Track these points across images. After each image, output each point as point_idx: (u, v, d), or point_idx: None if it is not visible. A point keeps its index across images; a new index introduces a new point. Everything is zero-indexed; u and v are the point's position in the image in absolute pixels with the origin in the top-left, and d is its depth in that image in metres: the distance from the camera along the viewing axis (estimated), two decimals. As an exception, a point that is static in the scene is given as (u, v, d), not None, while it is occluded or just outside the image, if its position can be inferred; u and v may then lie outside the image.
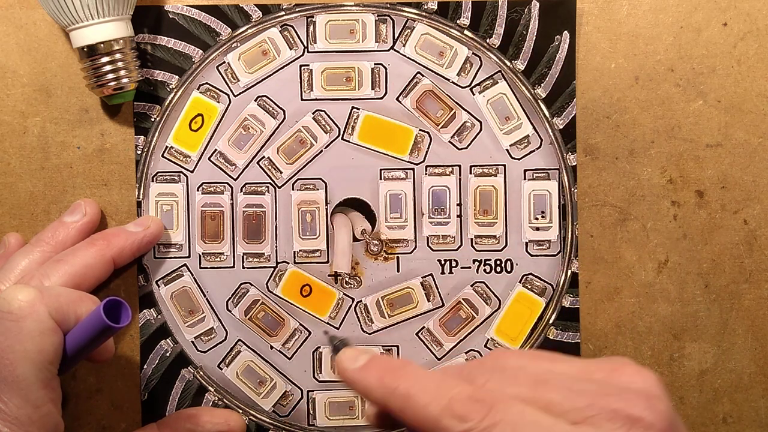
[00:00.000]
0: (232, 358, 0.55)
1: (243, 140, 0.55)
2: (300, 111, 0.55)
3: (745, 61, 0.54)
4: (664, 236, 0.55)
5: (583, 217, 0.55)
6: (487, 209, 0.55)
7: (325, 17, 0.54)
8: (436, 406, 0.37)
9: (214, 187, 0.55)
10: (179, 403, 0.55)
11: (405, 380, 0.38)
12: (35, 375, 0.43)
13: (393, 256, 0.55)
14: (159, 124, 0.55)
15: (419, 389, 0.38)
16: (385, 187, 0.55)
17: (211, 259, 0.55)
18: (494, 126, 0.55)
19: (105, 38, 0.51)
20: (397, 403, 0.38)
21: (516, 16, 0.54)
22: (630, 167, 0.55)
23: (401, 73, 0.55)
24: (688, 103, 0.55)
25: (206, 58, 0.54)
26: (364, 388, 0.40)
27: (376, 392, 0.39)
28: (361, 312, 0.55)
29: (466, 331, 0.55)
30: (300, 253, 0.55)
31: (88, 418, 0.55)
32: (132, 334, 0.55)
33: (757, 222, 0.55)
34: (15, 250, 0.52)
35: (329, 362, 0.55)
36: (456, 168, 0.55)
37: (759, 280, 0.55)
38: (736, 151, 0.55)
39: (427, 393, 0.38)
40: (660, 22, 0.54)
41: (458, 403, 0.36)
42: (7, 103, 0.54)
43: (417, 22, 0.55)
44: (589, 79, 0.55)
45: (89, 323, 0.43)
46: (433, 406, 0.37)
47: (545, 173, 0.55)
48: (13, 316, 0.43)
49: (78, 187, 0.54)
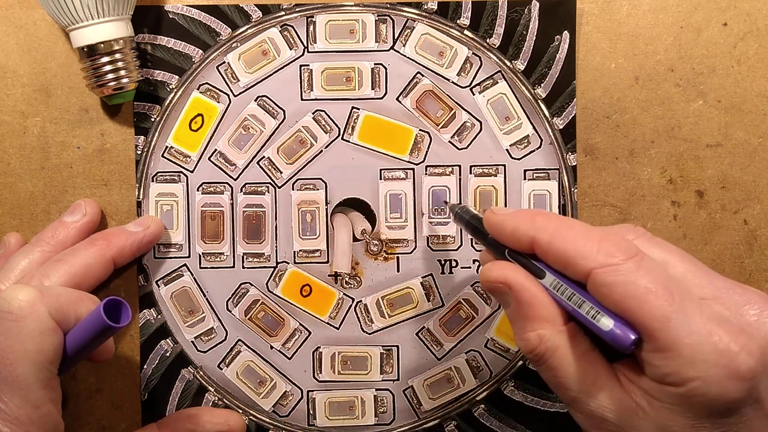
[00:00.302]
0: (232, 358, 0.55)
1: (243, 140, 0.55)
2: (300, 111, 0.55)
3: (745, 61, 0.54)
4: (664, 236, 0.55)
5: (583, 217, 0.55)
6: (487, 209, 0.55)
7: (325, 17, 0.54)
8: (585, 242, 0.40)
9: (214, 187, 0.55)
10: (179, 403, 0.55)
11: (556, 219, 0.42)
12: (35, 375, 0.43)
13: (393, 256, 0.55)
14: (159, 124, 0.55)
15: (569, 226, 0.41)
16: (385, 187, 0.55)
17: (211, 259, 0.55)
18: (494, 126, 0.55)
19: (105, 38, 0.51)
20: (544, 237, 0.41)
21: (516, 16, 0.54)
22: (630, 167, 0.55)
23: (401, 73, 0.55)
24: (688, 103, 0.55)
25: (206, 58, 0.54)
26: (515, 225, 0.43)
27: (524, 227, 0.42)
28: (361, 312, 0.55)
29: (466, 331, 0.55)
30: (300, 253, 0.55)
31: (88, 418, 0.55)
32: (132, 334, 0.55)
33: (757, 222, 0.55)
34: (15, 250, 0.52)
35: (329, 362, 0.55)
36: (456, 168, 0.55)
37: (759, 280, 0.55)
38: (736, 151, 0.55)
39: (576, 230, 0.41)
40: (660, 22, 0.54)
41: (607, 243, 0.40)
42: (7, 103, 0.54)
43: (417, 22, 0.55)
44: (589, 79, 0.55)
45: (89, 323, 0.43)
46: (582, 242, 0.40)
47: (545, 173, 0.55)
48: (13, 315, 0.43)
49: (78, 187, 0.54)
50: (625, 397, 0.40)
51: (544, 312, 0.42)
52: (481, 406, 0.55)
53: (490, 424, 0.55)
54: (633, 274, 0.39)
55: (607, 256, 0.39)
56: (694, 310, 0.38)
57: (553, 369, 0.42)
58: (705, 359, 0.37)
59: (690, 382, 0.37)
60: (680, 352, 0.37)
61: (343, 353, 0.55)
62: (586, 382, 0.41)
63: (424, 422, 0.56)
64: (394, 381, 0.55)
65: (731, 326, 0.38)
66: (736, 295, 0.40)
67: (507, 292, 0.43)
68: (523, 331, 0.42)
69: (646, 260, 0.39)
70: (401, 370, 0.55)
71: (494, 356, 0.55)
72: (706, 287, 0.41)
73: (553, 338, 0.41)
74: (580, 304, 0.41)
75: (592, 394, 0.41)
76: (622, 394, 0.40)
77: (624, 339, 0.39)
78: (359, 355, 0.55)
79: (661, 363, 0.38)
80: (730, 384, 0.37)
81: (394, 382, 0.55)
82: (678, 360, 0.38)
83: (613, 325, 0.39)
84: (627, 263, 0.39)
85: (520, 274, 0.43)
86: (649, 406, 0.39)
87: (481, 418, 0.55)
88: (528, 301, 0.42)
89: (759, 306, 0.40)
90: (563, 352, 0.41)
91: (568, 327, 0.42)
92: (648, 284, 0.38)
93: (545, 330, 0.42)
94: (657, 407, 0.39)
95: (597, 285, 0.39)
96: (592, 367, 0.41)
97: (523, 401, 0.55)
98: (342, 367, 0.55)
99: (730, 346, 0.37)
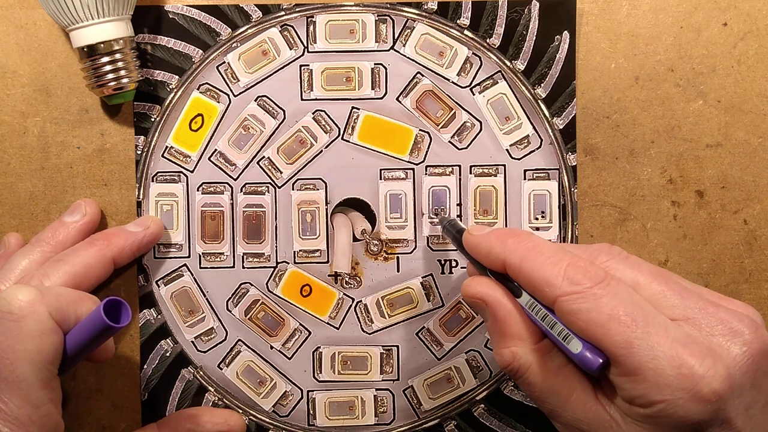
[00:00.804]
0: (232, 358, 0.55)
1: (243, 140, 0.55)
2: (300, 111, 0.55)
3: (745, 61, 0.54)
4: (664, 236, 0.55)
5: (583, 217, 0.55)
6: (487, 209, 0.55)
7: (325, 17, 0.54)
8: (552, 267, 0.41)
9: (214, 187, 0.55)
10: (179, 403, 0.55)
11: (527, 242, 0.43)
12: (35, 375, 0.43)
13: (393, 256, 0.55)
14: (159, 124, 0.55)
15: (539, 251, 0.42)
16: (385, 187, 0.55)
17: (211, 259, 0.55)
18: (494, 126, 0.55)
19: (105, 38, 0.51)
20: (514, 261, 0.42)
21: (516, 16, 0.54)
22: (630, 167, 0.55)
23: (401, 73, 0.55)
24: (688, 103, 0.55)
25: (206, 58, 0.54)
26: (488, 247, 0.44)
27: (497, 250, 0.43)
28: (361, 312, 0.55)
29: (466, 331, 0.55)
30: (300, 253, 0.55)
31: (88, 418, 0.55)
32: (132, 334, 0.55)
33: (757, 222, 0.55)
34: (15, 250, 0.52)
35: (329, 362, 0.55)
36: (456, 168, 0.55)
37: (759, 280, 0.55)
38: (736, 151, 0.55)
39: (545, 255, 0.42)
40: (660, 22, 0.54)
41: (573, 268, 0.41)
42: (7, 103, 0.54)
43: (417, 22, 0.55)
44: (589, 79, 0.55)
45: (89, 323, 0.43)
46: (549, 267, 0.41)
47: (545, 173, 0.55)
48: (14, 316, 0.43)
49: (78, 187, 0.54)
50: (600, 410, 0.41)
51: (518, 330, 0.43)
52: (480, 406, 0.55)
53: (489, 423, 0.55)
54: (596, 301, 0.39)
55: (571, 284, 0.40)
56: (659, 333, 0.39)
57: (528, 384, 0.43)
58: (668, 383, 0.38)
59: (656, 404, 0.38)
60: (645, 376, 0.38)
61: (343, 353, 0.55)
62: (561, 396, 0.42)
63: (424, 422, 0.56)
64: (394, 381, 0.55)
65: (698, 348, 0.39)
66: (709, 315, 0.40)
67: (484, 307, 0.44)
68: (498, 347, 0.44)
69: (613, 285, 0.40)
70: (401, 370, 0.55)
71: (494, 356, 0.55)
72: (678, 308, 0.41)
73: (525, 356, 0.43)
74: (552, 325, 0.42)
75: (568, 407, 0.42)
76: (597, 407, 0.41)
77: (592, 362, 0.40)
78: (359, 355, 0.55)
79: (628, 386, 0.39)
80: (694, 406, 0.38)
81: (394, 382, 0.55)
82: (643, 384, 0.38)
83: (582, 348, 0.40)
84: (592, 290, 0.40)
85: (497, 291, 0.44)
86: (623, 420, 0.40)
87: (481, 418, 0.55)
88: (503, 318, 0.44)
89: (731, 326, 0.40)
90: (536, 369, 0.43)
91: (541, 345, 0.43)
92: (611, 311, 0.39)
93: (518, 348, 0.43)
94: (629, 423, 0.40)
95: (562, 312, 0.41)
96: (566, 382, 0.42)
97: (523, 401, 0.55)
98: (342, 367, 0.55)
99: (694, 369, 0.38)
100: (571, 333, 0.40)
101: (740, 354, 0.39)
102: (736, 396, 0.38)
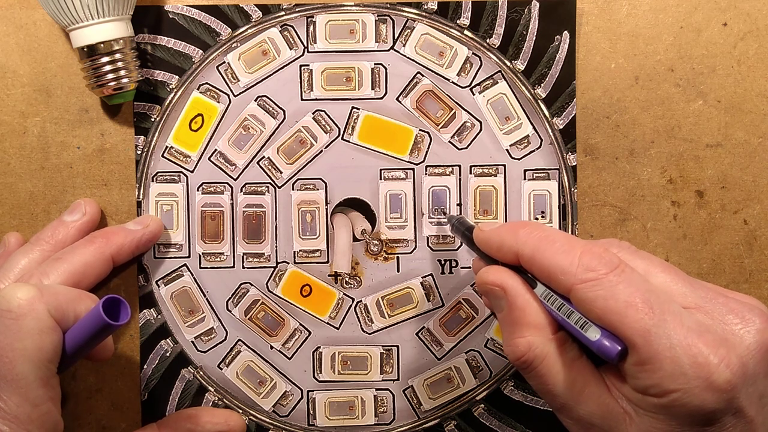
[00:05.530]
0: (232, 358, 0.55)
1: (243, 140, 0.55)
2: (300, 111, 0.55)
3: (745, 61, 0.54)
4: (664, 236, 0.55)
5: (583, 217, 0.55)
6: (487, 209, 0.55)
7: (325, 17, 0.54)
8: (565, 256, 0.41)
9: (214, 187, 0.55)
10: (179, 403, 0.55)
11: (539, 232, 0.43)
12: (34, 373, 0.43)
13: (393, 256, 0.55)
14: (159, 124, 0.55)
15: (551, 241, 0.42)
16: (385, 187, 0.55)
17: (211, 259, 0.55)
18: (494, 126, 0.55)
19: (105, 38, 0.51)
20: (527, 251, 0.42)
21: (516, 16, 0.54)
22: (630, 167, 0.55)
23: (401, 73, 0.55)
24: (688, 103, 0.55)
25: (206, 58, 0.54)
26: (500, 240, 0.44)
27: (509, 242, 0.43)
28: (361, 312, 0.55)
29: (466, 331, 0.55)
30: (300, 253, 0.55)
31: (88, 418, 0.55)
32: (132, 334, 0.55)
33: (757, 222, 0.55)
34: (15, 249, 0.52)
35: (329, 362, 0.55)
36: (456, 168, 0.55)
37: (759, 280, 0.55)
38: (736, 151, 0.55)
39: (558, 244, 0.42)
40: (660, 22, 0.54)
41: (588, 255, 0.40)
42: (7, 103, 0.54)
43: (417, 22, 0.55)
44: (589, 79, 0.55)
45: (88, 321, 0.43)
46: (563, 255, 0.41)
47: (545, 173, 0.55)
48: (13, 314, 0.43)
49: (78, 187, 0.54)
50: (613, 404, 0.41)
51: (536, 319, 0.42)
52: (480, 406, 0.55)
53: (489, 423, 0.55)
54: (613, 288, 0.39)
55: (586, 271, 0.40)
56: (675, 321, 0.39)
57: (542, 377, 0.42)
58: (684, 372, 0.38)
59: (671, 393, 0.38)
60: (661, 365, 0.38)
61: (343, 353, 0.55)
62: (575, 389, 0.41)
63: (424, 422, 0.55)
64: (394, 381, 0.55)
65: (712, 337, 0.38)
66: (720, 304, 0.40)
67: (502, 296, 0.44)
68: (512, 337, 0.43)
69: (627, 271, 0.40)
70: (401, 370, 0.55)
71: (494, 356, 0.55)
72: (689, 296, 0.41)
73: (542, 346, 0.42)
74: (568, 314, 0.41)
75: (581, 401, 0.41)
76: (609, 401, 0.41)
77: (611, 350, 0.39)
78: (359, 355, 0.55)
79: (643, 375, 0.39)
80: (709, 396, 0.38)
81: (394, 382, 0.55)
82: (659, 373, 0.38)
83: (600, 335, 0.40)
84: (607, 277, 0.40)
85: (516, 279, 0.43)
86: (635, 412, 0.40)
87: (480, 418, 0.55)
88: (521, 306, 0.43)
89: (742, 315, 0.40)
90: (552, 361, 0.42)
91: (558, 336, 0.42)
92: (628, 298, 0.39)
93: (535, 337, 0.42)
94: (642, 414, 0.40)
95: (579, 300, 0.40)
96: (580, 375, 0.42)
97: (523, 401, 0.55)
98: (342, 367, 0.55)
99: (709, 358, 0.38)
100: (589, 321, 0.40)
101: (753, 343, 0.39)
102: (749, 385, 0.38)
